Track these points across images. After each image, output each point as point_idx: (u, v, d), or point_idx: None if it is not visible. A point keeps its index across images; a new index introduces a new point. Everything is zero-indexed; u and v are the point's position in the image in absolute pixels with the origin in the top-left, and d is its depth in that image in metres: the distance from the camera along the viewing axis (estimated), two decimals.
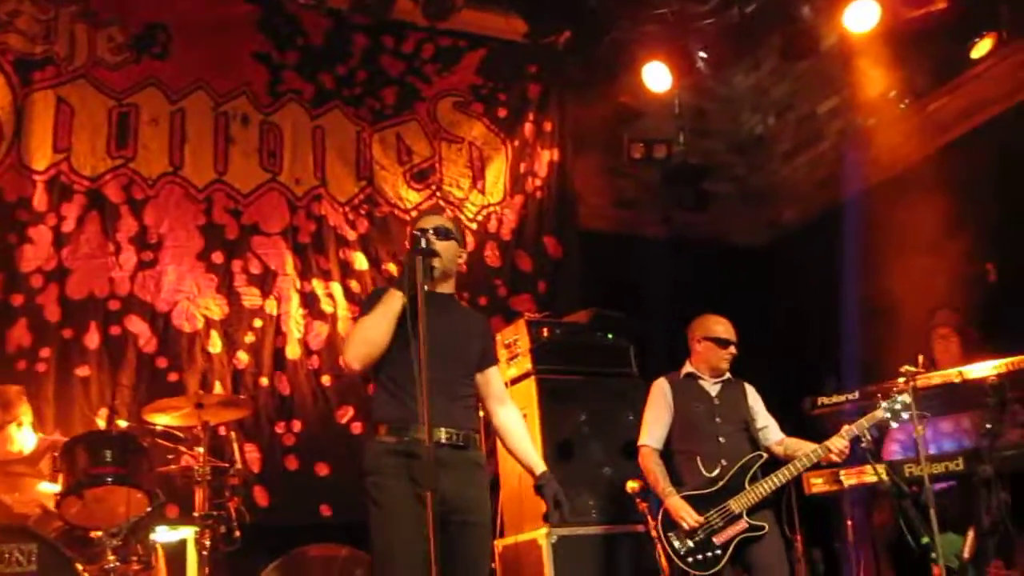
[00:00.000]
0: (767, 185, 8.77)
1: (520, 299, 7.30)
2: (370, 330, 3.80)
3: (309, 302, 6.67)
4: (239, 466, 5.27)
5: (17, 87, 6.24)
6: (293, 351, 6.51)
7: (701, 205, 8.07)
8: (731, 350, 5.34)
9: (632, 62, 7.56)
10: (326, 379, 6.52)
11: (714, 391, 5.34)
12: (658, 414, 5.31)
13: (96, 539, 4.80)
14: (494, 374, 4.13)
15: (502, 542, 5.82)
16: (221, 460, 5.27)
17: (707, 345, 5.35)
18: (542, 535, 5.40)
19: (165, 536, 5.31)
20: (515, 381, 5.99)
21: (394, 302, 3.75)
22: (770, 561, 4.98)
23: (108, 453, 4.87)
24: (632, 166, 8.02)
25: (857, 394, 5.86)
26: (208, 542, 4.98)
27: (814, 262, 7.55)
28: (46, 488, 5.06)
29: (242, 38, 6.93)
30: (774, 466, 5.10)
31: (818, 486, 5.69)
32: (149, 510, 4.87)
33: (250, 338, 6.42)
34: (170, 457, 5.32)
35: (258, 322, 6.47)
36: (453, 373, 3.82)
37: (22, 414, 5.35)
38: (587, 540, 5.54)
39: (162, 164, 6.50)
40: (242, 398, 5.81)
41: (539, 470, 4.01)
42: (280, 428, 6.34)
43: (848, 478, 5.55)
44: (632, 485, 5.44)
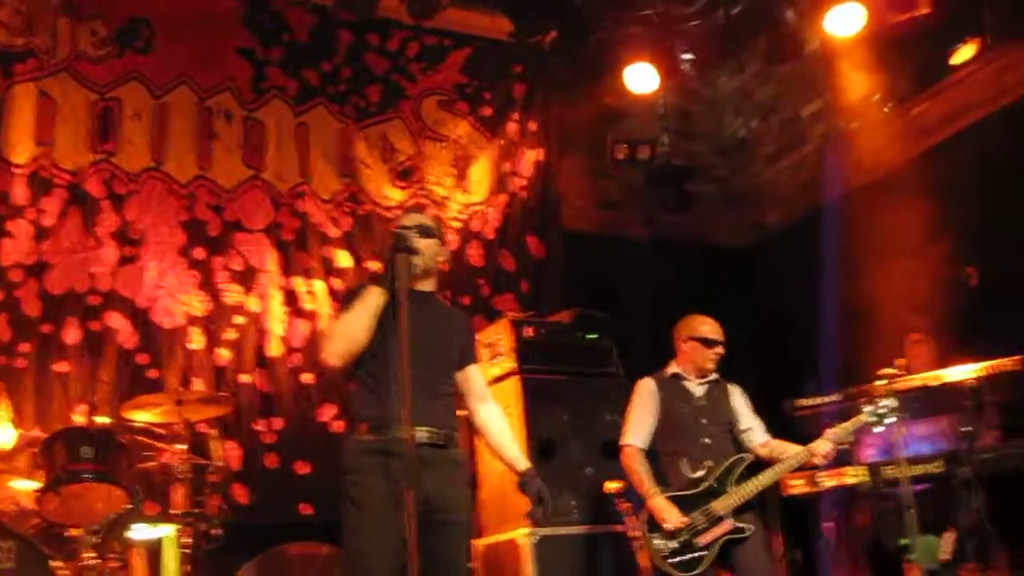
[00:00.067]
0: (750, 187, 8.79)
1: (503, 298, 7.30)
2: (350, 327, 3.78)
3: (291, 300, 6.64)
4: (219, 464, 5.25)
5: None
6: (275, 348, 6.48)
7: (684, 206, 8.07)
8: (717, 350, 5.31)
9: (617, 63, 7.55)
10: (307, 377, 6.50)
11: (700, 392, 5.31)
12: (643, 414, 5.28)
13: (74, 536, 4.78)
14: (475, 372, 4.12)
15: (482, 542, 5.81)
16: (201, 457, 5.25)
17: (693, 345, 5.32)
18: (523, 535, 5.39)
19: (144, 534, 5.26)
20: (497, 380, 5.97)
21: (374, 299, 3.74)
22: (755, 563, 4.96)
23: (87, 450, 4.83)
24: (616, 167, 8.00)
25: (838, 396, 5.89)
26: (187, 540, 4.95)
27: (797, 264, 7.57)
28: (22, 485, 5.02)
29: (226, 33, 6.90)
30: (759, 468, 5.09)
31: (797, 487, 5.71)
32: (128, 507, 4.85)
33: (231, 335, 6.39)
34: (149, 454, 5.28)
35: (240, 319, 6.44)
36: (434, 371, 3.80)
37: (0, 410, 5.31)
38: (568, 540, 5.54)
39: (145, 159, 6.46)
40: (222, 395, 5.78)
41: (522, 467, 4.01)
42: (261, 426, 6.31)
43: (827, 480, 5.57)
44: (611, 486, 5.46)
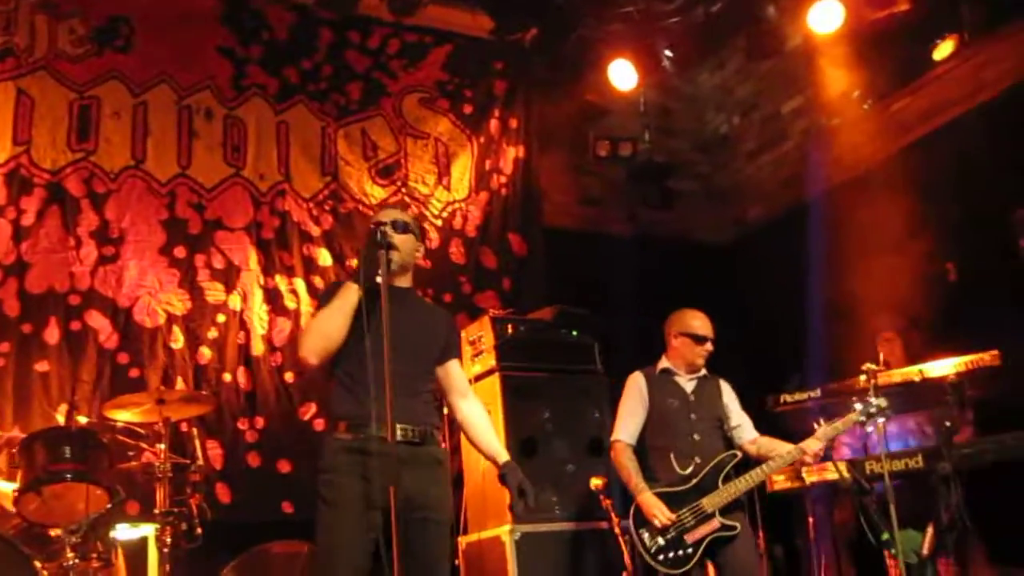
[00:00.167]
0: (732, 184, 8.82)
1: (485, 296, 7.29)
2: (326, 324, 3.77)
3: (272, 298, 6.62)
4: (200, 463, 5.24)
5: None
6: (256, 347, 6.46)
7: (666, 203, 8.11)
8: (707, 346, 5.29)
9: (598, 60, 7.59)
10: (289, 376, 6.48)
11: (689, 387, 5.29)
12: (633, 409, 5.27)
13: (55, 537, 4.75)
14: (455, 367, 4.11)
15: (465, 539, 5.82)
16: (183, 457, 5.23)
17: (683, 340, 5.30)
18: (505, 532, 5.40)
19: (126, 533, 5.26)
20: (479, 378, 5.99)
21: (350, 295, 3.73)
22: (743, 561, 4.94)
23: (67, 449, 4.80)
24: (598, 164, 8.04)
25: (820, 392, 5.93)
26: (169, 539, 4.93)
27: (778, 260, 7.61)
28: (2, 486, 4.99)
29: (206, 32, 6.86)
30: (747, 465, 5.08)
31: (780, 483, 5.75)
32: (109, 507, 4.81)
33: (213, 333, 6.37)
34: (131, 454, 5.27)
35: (221, 317, 6.42)
36: (412, 367, 3.78)
37: None
38: (550, 537, 5.54)
39: (124, 158, 6.42)
40: (204, 394, 5.75)
41: (502, 459, 4.00)
42: (243, 424, 6.29)
43: (809, 475, 5.61)
44: (596, 482, 5.46)
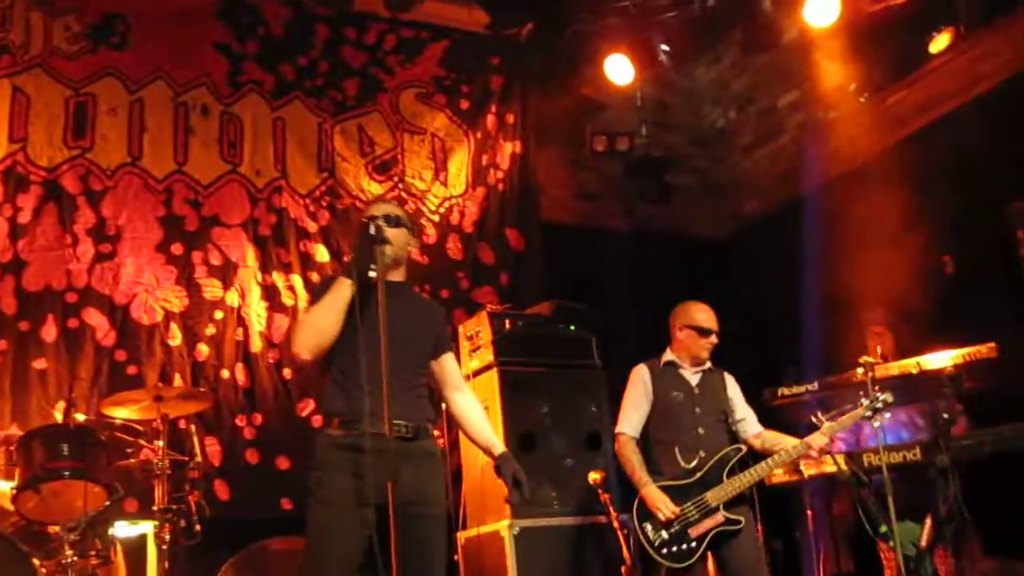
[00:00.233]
0: (728, 178, 8.83)
1: (482, 291, 7.29)
2: (319, 319, 3.75)
3: (270, 295, 6.61)
4: (199, 459, 5.24)
5: None
6: (255, 344, 6.46)
7: (663, 197, 8.11)
8: (712, 339, 5.26)
9: (594, 55, 7.58)
10: (287, 372, 6.48)
11: (694, 380, 5.26)
12: (637, 401, 5.24)
13: (54, 534, 4.76)
14: (449, 361, 4.09)
15: (464, 534, 5.82)
16: (181, 453, 5.24)
17: (688, 333, 5.27)
18: (504, 527, 5.40)
19: (125, 531, 5.26)
20: (477, 373, 5.99)
21: (343, 290, 3.71)
22: (747, 557, 4.91)
23: (65, 447, 4.80)
24: (594, 158, 8.04)
25: (817, 385, 5.94)
26: (168, 536, 4.94)
27: (775, 254, 7.61)
28: (0, 485, 4.99)
29: (202, 28, 6.85)
30: (752, 459, 5.06)
31: (778, 476, 5.75)
32: (107, 504, 4.82)
33: (211, 330, 6.36)
34: (129, 451, 5.28)
35: (219, 314, 6.41)
36: (405, 362, 3.74)
37: None
38: (549, 531, 5.54)
39: (120, 155, 6.41)
40: (202, 390, 5.75)
41: (498, 451, 3.99)
42: (241, 421, 6.28)
43: (808, 468, 5.61)
44: (594, 476, 5.46)
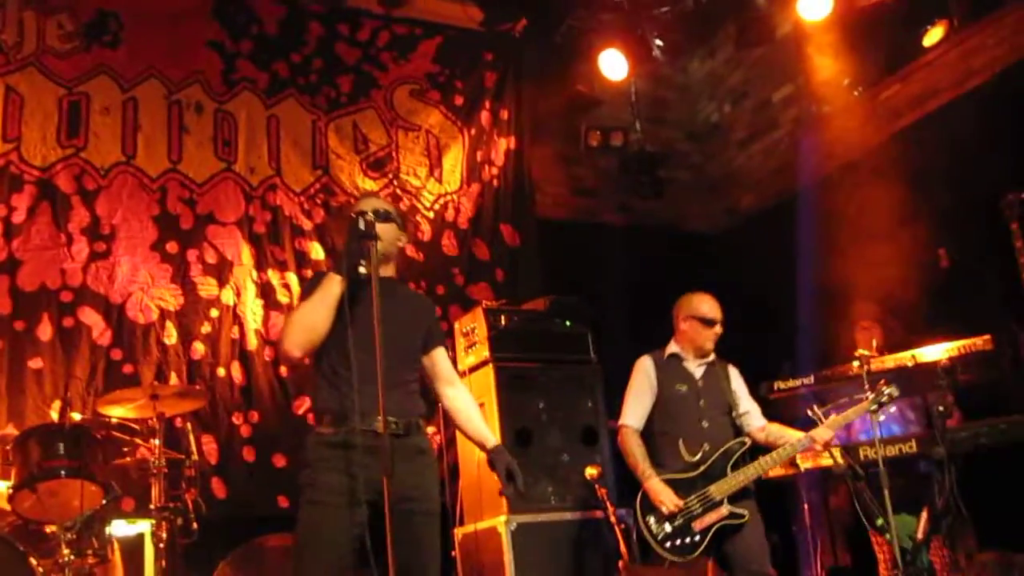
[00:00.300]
0: (723, 172, 8.83)
1: (478, 287, 7.29)
2: (308, 316, 3.73)
3: (266, 292, 6.60)
4: (195, 458, 5.24)
5: None
6: (250, 342, 6.45)
7: (658, 193, 8.10)
8: (717, 329, 5.23)
9: (588, 50, 7.59)
10: (283, 370, 6.47)
11: (699, 373, 5.23)
12: (640, 393, 5.20)
13: (50, 533, 4.76)
14: (440, 355, 4.06)
15: (462, 530, 5.83)
16: (177, 452, 5.23)
17: (692, 324, 5.24)
18: (501, 522, 5.40)
19: (122, 530, 5.25)
20: (473, 369, 6.00)
21: (332, 287, 3.68)
22: (752, 549, 4.88)
23: (61, 446, 4.80)
24: (589, 154, 8.04)
25: (812, 378, 5.94)
26: (165, 535, 4.93)
27: (770, 248, 7.61)
28: None
29: (195, 26, 6.84)
30: (755, 453, 5.05)
31: (774, 470, 5.74)
32: (104, 503, 4.81)
33: (206, 328, 6.35)
34: (125, 450, 5.29)
35: (215, 312, 6.41)
36: (395, 358, 3.69)
37: None
38: (546, 527, 5.55)
39: (114, 154, 6.40)
40: (197, 389, 5.75)
41: (491, 444, 3.98)
42: (237, 419, 6.28)
43: (804, 462, 5.61)
44: (591, 471, 5.47)
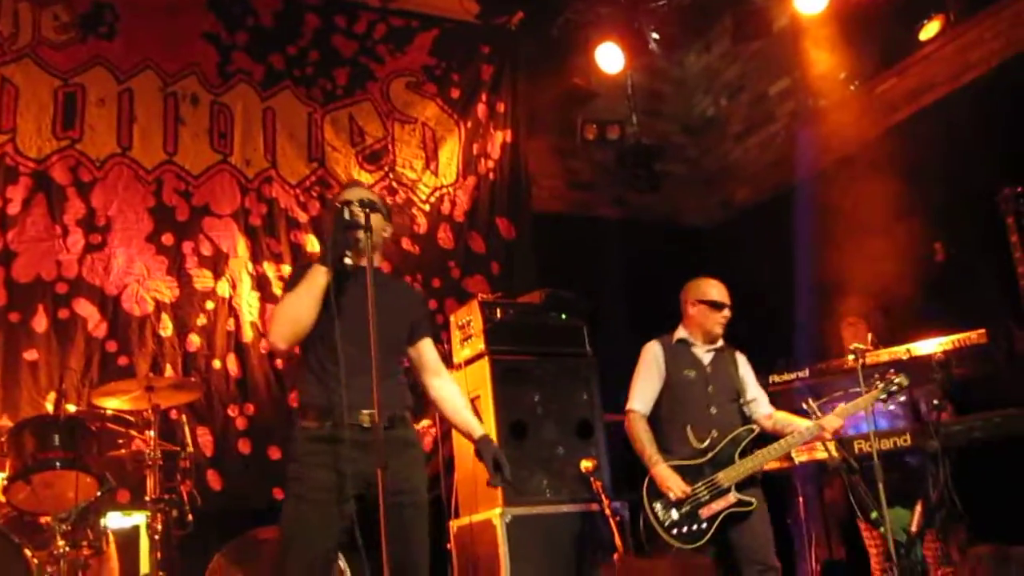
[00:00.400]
0: (719, 166, 8.83)
1: (474, 280, 7.29)
2: (294, 308, 3.69)
3: (261, 285, 6.60)
4: (190, 450, 5.25)
5: None
6: (246, 334, 6.45)
7: (654, 186, 8.10)
8: (725, 313, 5.19)
9: (585, 43, 7.58)
10: (279, 362, 6.47)
11: (707, 358, 5.18)
12: (648, 379, 5.14)
13: (45, 525, 4.74)
14: (427, 346, 4.03)
15: (457, 523, 5.84)
16: (172, 444, 5.24)
17: (701, 309, 5.19)
18: (496, 515, 5.41)
19: (117, 521, 5.26)
20: (468, 362, 6.00)
21: (318, 278, 3.65)
22: (757, 541, 4.84)
23: (56, 437, 4.80)
24: (585, 147, 8.04)
25: (807, 372, 5.96)
26: (160, 526, 4.94)
27: (766, 242, 7.61)
28: None
29: (191, 18, 6.82)
30: (763, 440, 5.01)
31: (769, 463, 5.76)
32: (99, 495, 4.81)
33: (202, 320, 6.35)
34: (120, 441, 5.28)
35: (210, 304, 6.41)
36: (381, 350, 3.59)
37: None
38: (541, 519, 5.56)
39: (110, 145, 6.39)
40: (192, 381, 5.75)
41: (477, 434, 3.96)
42: (233, 411, 6.28)
43: (799, 455, 5.62)
44: (586, 464, 5.48)
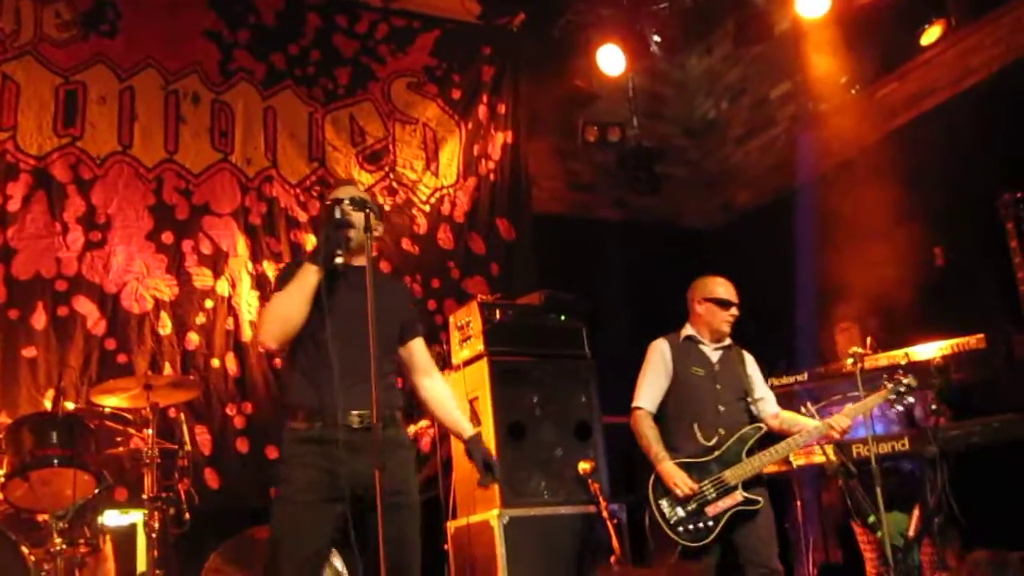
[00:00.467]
0: (720, 169, 8.84)
1: (473, 281, 7.29)
2: (284, 307, 3.67)
3: (261, 284, 6.60)
4: (188, 448, 5.24)
5: None
6: (245, 333, 6.45)
7: (654, 188, 8.10)
8: (733, 311, 5.15)
9: (586, 45, 7.58)
10: (278, 361, 6.46)
11: (715, 356, 5.14)
12: (655, 376, 5.10)
13: (42, 522, 4.76)
14: (417, 346, 4.00)
15: (454, 523, 5.83)
16: (171, 442, 5.23)
17: (708, 307, 5.16)
18: (494, 516, 5.41)
19: (114, 519, 5.26)
20: (467, 363, 5.99)
21: (309, 276, 3.62)
22: (761, 542, 4.81)
23: (54, 435, 4.80)
24: (586, 149, 8.04)
25: (806, 375, 5.96)
26: (157, 524, 4.94)
27: (766, 245, 7.61)
28: None
29: (193, 16, 6.82)
30: (770, 440, 4.98)
31: (768, 467, 5.76)
32: (96, 492, 4.82)
33: (201, 319, 6.35)
34: (118, 439, 5.28)
35: (209, 303, 6.41)
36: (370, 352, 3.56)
37: None
38: (539, 521, 5.55)
39: (111, 143, 6.39)
40: (191, 379, 5.75)
41: (467, 434, 3.95)
42: (231, 410, 6.28)
43: (797, 458, 5.62)
44: (584, 466, 5.48)
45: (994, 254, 5.76)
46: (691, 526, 4.77)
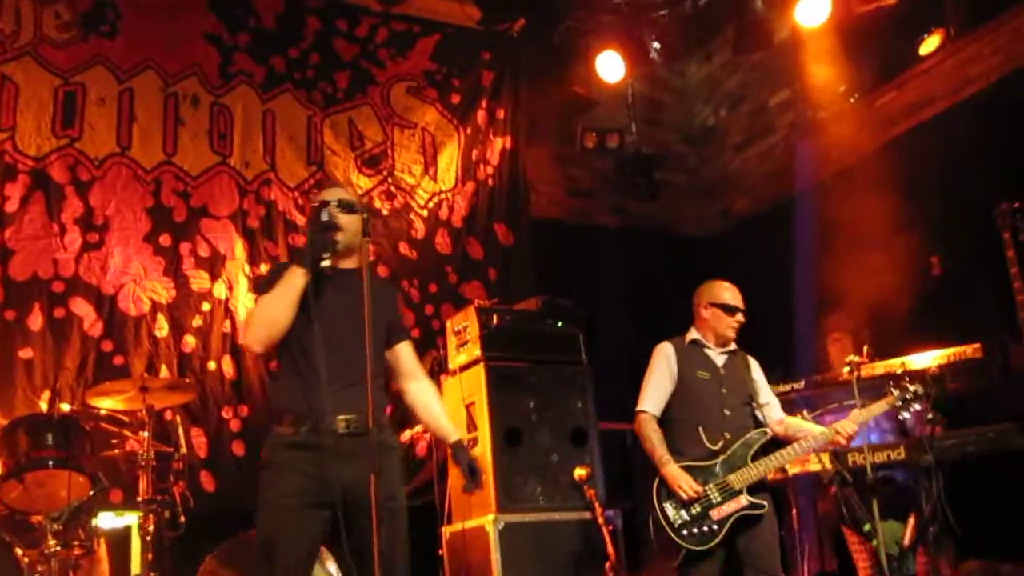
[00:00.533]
0: (719, 176, 8.85)
1: (470, 286, 7.29)
2: (270, 310, 3.64)
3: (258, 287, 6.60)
4: (184, 451, 5.24)
5: None
6: (241, 336, 6.44)
7: (653, 195, 8.11)
8: (739, 317, 5.11)
9: (586, 51, 7.59)
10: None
11: (720, 361, 5.10)
12: (660, 379, 5.05)
13: (37, 524, 4.74)
14: (404, 349, 3.97)
15: (449, 529, 5.83)
16: (166, 445, 5.23)
17: (714, 312, 5.11)
18: (489, 522, 5.41)
19: (109, 522, 5.25)
20: (464, 368, 6.00)
21: (295, 279, 3.59)
22: (764, 548, 4.76)
23: (49, 436, 4.81)
24: (585, 155, 8.04)
25: (803, 383, 5.96)
26: (152, 527, 4.93)
27: (764, 253, 7.62)
28: None
29: (193, 18, 6.82)
30: (774, 446, 4.93)
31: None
32: (91, 494, 4.81)
33: (198, 322, 6.35)
34: (114, 441, 5.27)
35: (206, 305, 6.40)
36: (359, 355, 3.55)
37: None
38: (534, 527, 5.55)
39: (109, 145, 6.39)
40: (187, 382, 5.75)
41: (452, 439, 3.94)
42: (227, 413, 6.27)
43: (793, 466, 5.62)
44: (580, 472, 5.48)
45: (991, 264, 5.76)
46: (695, 529, 4.72)
